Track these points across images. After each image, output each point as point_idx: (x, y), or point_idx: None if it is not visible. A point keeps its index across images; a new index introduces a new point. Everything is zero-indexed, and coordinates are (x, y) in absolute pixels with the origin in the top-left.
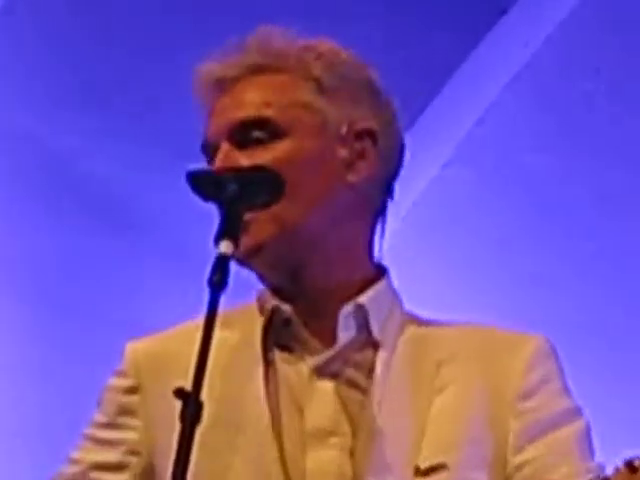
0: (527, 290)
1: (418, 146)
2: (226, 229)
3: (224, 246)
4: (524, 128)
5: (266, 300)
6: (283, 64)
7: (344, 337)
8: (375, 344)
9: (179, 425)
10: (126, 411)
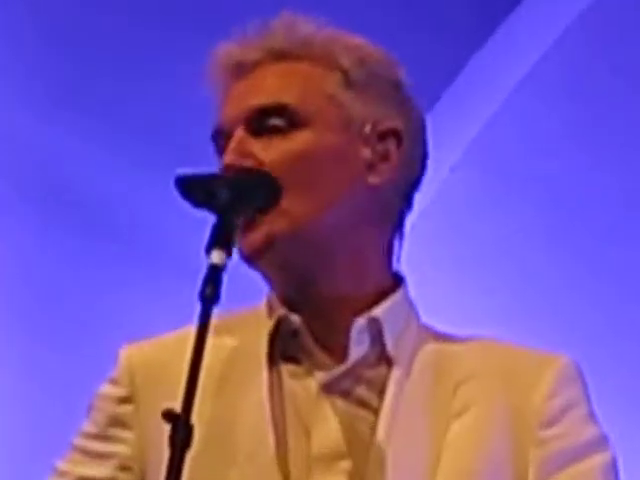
0: (537, 296)
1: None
2: (218, 238)
3: (216, 256)
4: (533, 131)
5: (274, 307)
6: (308, 52)
7: (356, 352)
8: (389, 360)
9: (168, 450)
10: (118, 422)
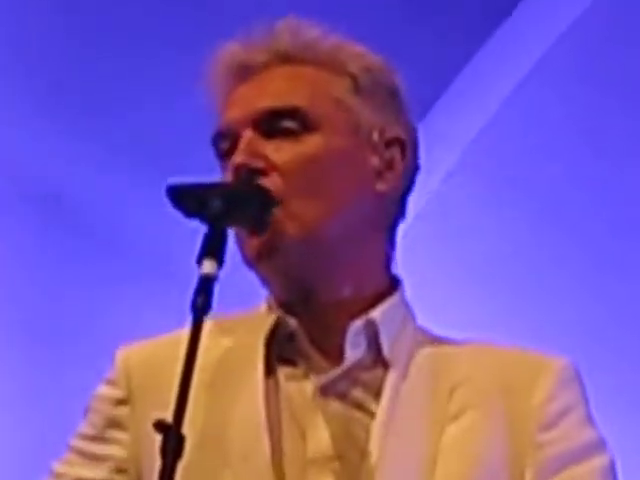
0: (532, 301)
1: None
2: (209, 248)
3: (207, 266)
4: (529, 137)
5: (272, 310)
6: (313, 56)
7: (352, 355)
8: (385, 363)
9: (159, 459)
10: (115, 424)
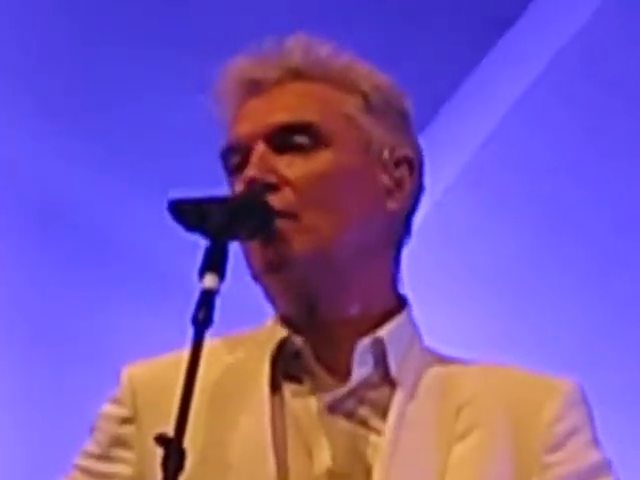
0: (537, 308)
1: None
2: (211, 262)
3: (209, 280)
4: (529, 151)
5: (277, 328)
6: (324, 73)
7: (359, 373)
8: (392, 381)
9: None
10: (120, 443)
